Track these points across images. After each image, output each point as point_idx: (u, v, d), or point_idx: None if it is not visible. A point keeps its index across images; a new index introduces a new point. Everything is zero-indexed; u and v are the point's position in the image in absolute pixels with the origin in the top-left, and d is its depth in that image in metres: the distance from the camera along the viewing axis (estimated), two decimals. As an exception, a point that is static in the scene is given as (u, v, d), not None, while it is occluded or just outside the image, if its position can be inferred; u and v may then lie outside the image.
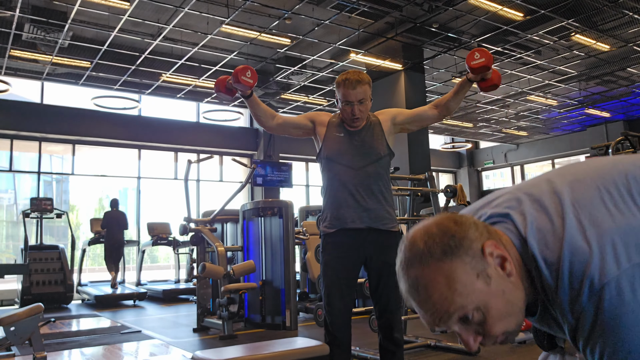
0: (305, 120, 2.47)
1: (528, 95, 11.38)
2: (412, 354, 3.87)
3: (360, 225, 2.31)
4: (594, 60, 9.38)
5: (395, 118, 2.45)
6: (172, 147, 11.73)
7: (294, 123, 2.49)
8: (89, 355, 4.35)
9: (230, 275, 5.03)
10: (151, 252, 15.00)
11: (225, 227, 6.56)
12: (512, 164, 16.52)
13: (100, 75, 9.35)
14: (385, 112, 2.49)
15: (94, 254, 13.21)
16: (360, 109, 2.30)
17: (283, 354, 2.27)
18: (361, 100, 2.30)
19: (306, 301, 6.40)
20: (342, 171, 2.35)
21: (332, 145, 2.37)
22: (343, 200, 2.34)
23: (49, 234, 11.79)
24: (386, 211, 2.36)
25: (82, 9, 6.79)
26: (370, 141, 2.37)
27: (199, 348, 4.52)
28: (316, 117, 2.47)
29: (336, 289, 2.34)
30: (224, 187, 12.45)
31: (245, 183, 5.95)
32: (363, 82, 2.29)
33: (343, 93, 2.30)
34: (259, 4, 6.92)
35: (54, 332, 5.43)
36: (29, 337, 3.21)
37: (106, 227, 8.72)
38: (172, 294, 8.77)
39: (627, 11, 7.39)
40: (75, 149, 10.72)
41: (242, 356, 2.22)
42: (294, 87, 10.43)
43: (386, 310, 2.36)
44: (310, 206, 8.72)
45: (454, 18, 7.58)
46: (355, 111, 2.30)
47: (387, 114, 2.47)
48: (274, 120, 2.43)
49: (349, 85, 2.28)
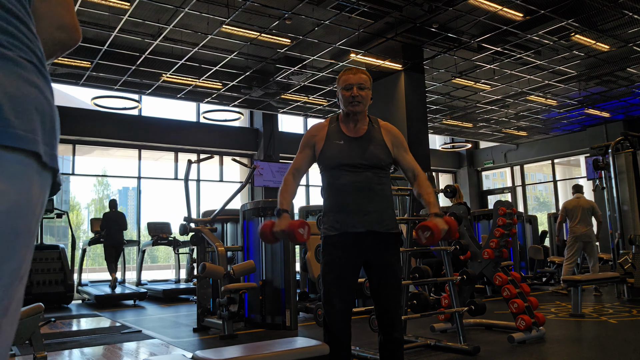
0: (308, 150, 2.43)
1: (528, 95, 11.39)
2: (412, 354, 3.88)
3: (361, 229, 2.32)
4: (593, 60, 9.39)
5: (394, 146, 2.44)
6: (172, 147, 11.74)
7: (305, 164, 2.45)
8: (89, 355, 4.36)
9: (230, 275, 5.04)
10: (151, 252, 15.02)
11: (225, 227, 6.56)
12: (512, 164, 16.52)
13: (101, 75, 9.36)
14: (391, 129, 2.47)
15: (94, 254, 13.22)
16: (361, 93, 2.34)
17: (283, 353, 2.28)
18: (361, 86, 2.34)
19: (306, 301, 6.40)
20: (343, 174, 2.35)
21: (332, 149, 2.38)
22: (344, 203, 2.34)
23: (49, 234, 11.80)
24: (387, 214, 2.36)
25: (82, 9, 6.80)
26: (370, 146, 2.37)
27: (199, 348, 4.53)
28: (312, 139, 2.43)
29: (336, 289, 2.34)
30: (224, 187, 12.46)
31: (245, 183, 5.96)
32: (364, 72, 2.40)
33: (344, 79, 2.37)
34: (259, 4, 6.93)
35: (54, 332, 5.44)
36: (30, 336, 3.21)
37: (105, 227, 8.73)
38: (173, 294, 8.77)
39: (627, 11, 7.39)
40: (75, 149, 10.73)
41: (242, 356, 2.22)
42: (294, 87, 10.44)
43: (386, 310, 2.36)
44: (310, 206, 8.72)
45: (454, 18, 7.58)
46: (354, 93, 2.33)
47: (392, 133, 2.45)
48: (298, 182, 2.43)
49: (349, 72, 2.39)
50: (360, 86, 2.34)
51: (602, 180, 7.50)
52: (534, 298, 4.45)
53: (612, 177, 7.10)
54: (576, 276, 6.18)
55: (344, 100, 2.37)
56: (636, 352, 3.81)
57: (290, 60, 9.08)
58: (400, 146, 2.46)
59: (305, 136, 2.47)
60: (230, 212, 6.19)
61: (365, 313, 3.59)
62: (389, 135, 2.44)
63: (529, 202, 16.73)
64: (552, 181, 15.85)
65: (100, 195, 15.01)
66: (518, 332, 4.20)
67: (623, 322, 5.05)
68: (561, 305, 6.43)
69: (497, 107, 12.36)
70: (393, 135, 2.46)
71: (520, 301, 4.28)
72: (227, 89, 10.30)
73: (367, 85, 2.36)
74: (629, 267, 6.42)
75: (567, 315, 5.52)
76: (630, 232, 6.76)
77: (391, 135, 2.45)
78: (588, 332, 4.76)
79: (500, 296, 4.56)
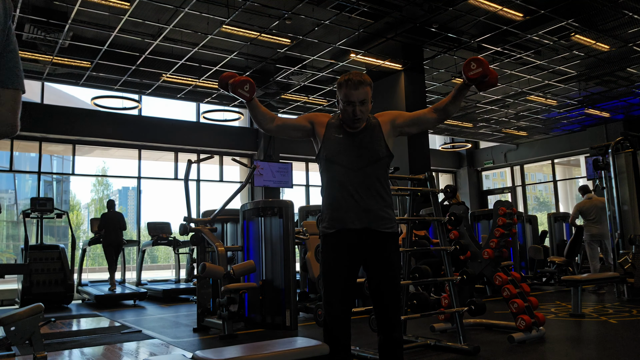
0: (304, 122, 2.47)
1: (528, 95, 11.39)
2: (412, 353, 3.88)
3: (359, 226, 2.32)
4: (593, 60, 9.39)
5: (395, 121, 2.45)
6: (172, 147, 11.74)
7: (293, 125, 2.49)
8: (89, 355, 4.36)
9: (230, 275, 5.04)
10: (151, 252, 15.02)
11: (225, 227, 6.56)
12: (512, 164, 16.52)
13: (101, 76, 9.36)
14: (385, 114, 2.49)
15: (94, 254, 13.23)
16: (362, 109, 2.31)
17: (283, 353, 2.28)
18: (362, 101, 2.30)
19: (306, 301, 6.40)
20: (341, 172, 2.35)
21: (331, 146, 2.38)
22: (342, 201, 2.34)
23: (49, 234, 11.81)
24: (385, 212, 2.37)
25: (82, 9, 6.80)
26: (369, 142, 2.37)
27: (199, 348, 4.53)
28: (315, 118, 2.47)
29: (336, 289, 2.34)
30: (224, 187, 12.46)
31: (245, 183, 5.96)
32: (365, 84, 2.31)
33: (345, 93, 2.31)
34: (259, 4, 6.93)
35: (54, 332, 5.44)
36: (29, 336, 3.21)
37: (104, 228, 8.72)
38: (173, 294, 8.77)
39: (627, 11, 7.39)
40: (75, 149, 10.73)
41: (242, 356, 2.22)
42: (294, 87, 10.44)
43: (386, 309, 2.36)
44: (310, 206, 8.72)
45: (454, 18, 7.58)
46: (356, 112, 2.30)
47: (386, 116, 2.47)
48: (273, 123, 2.44)
49: (351, 86, 2.29)
50: (362, 102, 2.30)
51: (602, 180, 7.50)
52: (534, 298, 4.45)
53: (612, 177, 7.10)
54: (576, 276, 6.18)
55: (345, 115, 2.35)
56: (636, 352, 3.81)
57: (290, 60, 9.08)
58: (399, 116, 2.48)
59: (310, 114, 2.53)
60: (230, 212, 6.19)
61: (365, 313, 3.59)
62: (386, 123, 2.44)
63: (529, 202, 16.73)
64: (552, 181, 15.85)
65: (100, 195, 15.03)
66: (518, 332, 4.20)
67: (623, 322, 5.05)
68: (561, 305, 6.43)
69: (497, 107, 12.36)
70: (388, 118, 2.46)
71: (520, 301, 4.28)
72: (227, 89, 10.29)
73: (368, 97, 2.33)
74: (629, 267, 6.42)
75: (567, 315, 5.52)
76: (630, 232, 6.76)
77: (387, 121, 2.45)
78: (588, 332, 4.76)
79: (500, 296, 4.56)
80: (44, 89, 10.47)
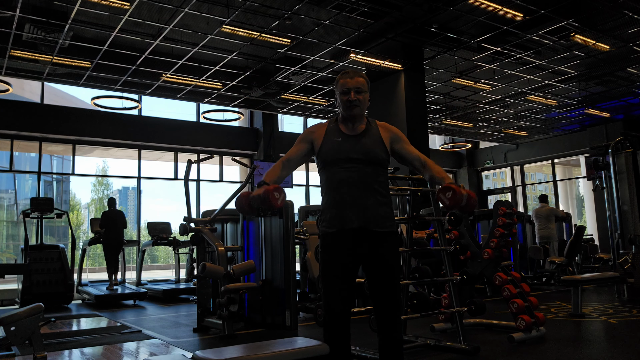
0: (303, 146, 2.45)
1: (528, 95, 11.39)
2: (412, 354, 3.88)
3: (358, 226, 2.32)
4: (593, 60, 9.39)
5: (394, 141, 2.44)
6: (172, 147, 11.74)
7: (298, 158, 2.46)
8: (89, 355, 4.36)
9: (230, 275, 5.04)
10: (151, 252, 15.02)
11: (225, 227, 6.56)
12: (512, 164, 16.52)
13: (101, 75, 9.35)
14: (388, 126, 2.49)
15: (94, 254, 13.23)
16: (358, 97, 2.35)
17: (283, 353, 2.28)
18: (358, 89, 2.36)
19: (306, 301, 6.40)
20: (340, 170, 2.35)
21: (330, 147, 2.39)
22: (341, 200, 2.34)
23: (49, 234, 11.81)
24: (384, 211, 2.37)
25: (82, 9, 6.80)
26: (368, 143, 2.38)
27: (199, 348, 4.53)
28: (310, 135, 2.45)
29: (335, 289, 2.34)
30: (224, 187, 12.47)
31: (245, 183, 5.96)
32: (361, 75, 2.41)
33: (341, 83, 2.39)
34: (259, 4, 6.93)
35: (54, 332, 5.44)
36: (29, 336, 3.21)
37: (105, 226, 8.72)
38: (173, 294, 8.77)
39: (627, 11, 7.39)
40: (75, 149, 10.73)
41: (242, 356, 2.22)
42: (294, 87, 10.44)
43: (385, 309, 2.36)
44: (310, 206, 8.72)
45: (454, 18, 7.58)
46: (352, 96, 2.34)
47: (389, 130, 2.47)
48: (286, 171, 2.46)
49: (346, 75, 2.40)
50: (358, 90, 2.36)
51: (602, 180, 7.50)
52: (533, 298, 4.45)
53: (612, 177, 7.10)
54: (576, 276, 6.18)
55: (342, 104, 2.38)
56: (636, 352, 3.81)
57: (290, 60, 9.08)
58: (400, 140, 2.47)
59: (304, 132, 2.50)
60: (230, 212, 6.19)
61: (365, 313, 3.59)
62: (387, 132, 2.45)
63: (529, 202, 16.73)
64: (552, 181, 15.85)
65: (100, 195, 15.03)
66: (518, 332, 4.20)
67: (623, 322, 5.05)
68: (561, 305, 6.43)
69: (497, 107, 12.36)
70: (390, 131, 2.47)
71: (520, 301, 4.28)
72: (227, 89, 10.31)
73: (364, 88, 2.38)
74: (629, 267, 6.42)
75: (567, 315, 5.52)
76: (630, 232, 6.76)
77: (389, 132, 2.46)
78: (588, 332, 4.76)
79: (500, 296, 4.56)
80: (44, 89, 10.48)
